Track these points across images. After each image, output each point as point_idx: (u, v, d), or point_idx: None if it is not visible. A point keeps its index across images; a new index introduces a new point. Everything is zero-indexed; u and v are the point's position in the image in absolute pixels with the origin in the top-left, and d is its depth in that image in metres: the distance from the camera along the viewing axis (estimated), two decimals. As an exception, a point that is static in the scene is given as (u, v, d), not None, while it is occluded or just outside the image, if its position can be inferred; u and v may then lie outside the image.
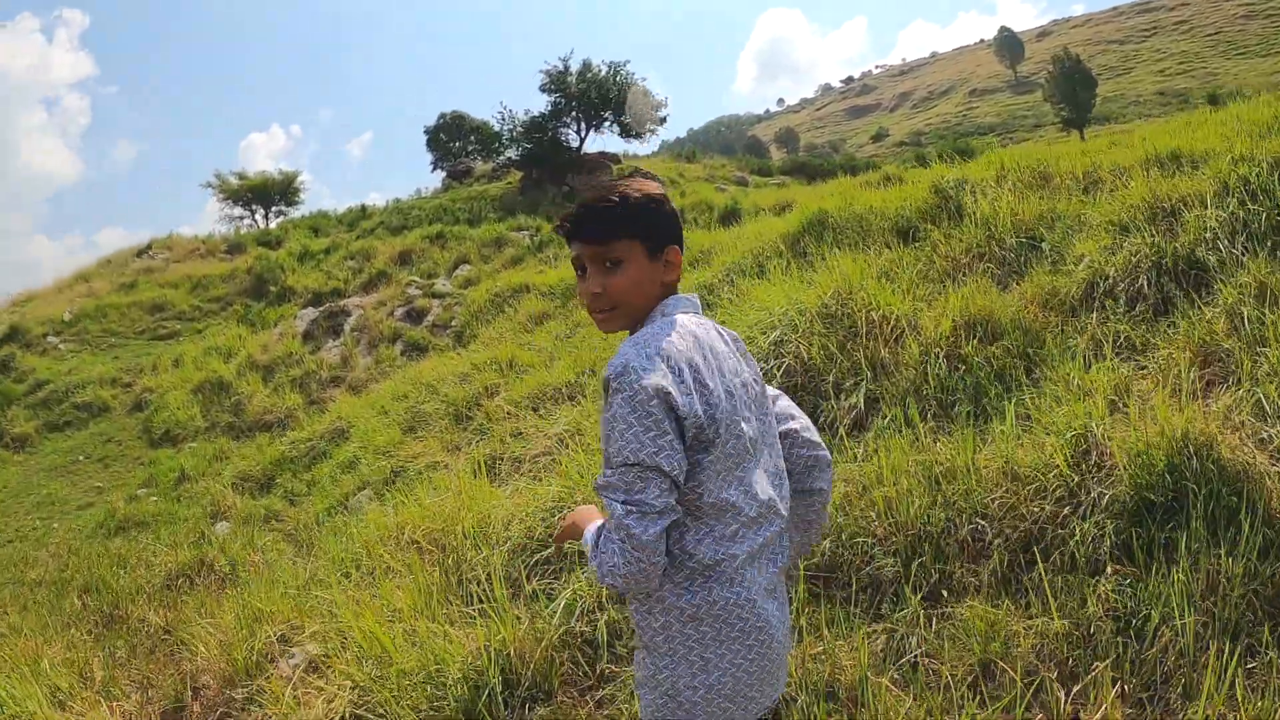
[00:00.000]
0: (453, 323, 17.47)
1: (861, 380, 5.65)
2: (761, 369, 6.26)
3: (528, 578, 4.54)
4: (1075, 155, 9.57)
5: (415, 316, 18.48)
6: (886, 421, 5.06)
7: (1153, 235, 5.97)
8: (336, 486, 9.91)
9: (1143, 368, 4.84)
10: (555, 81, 38.77)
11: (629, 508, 1.85)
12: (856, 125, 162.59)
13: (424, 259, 24.35)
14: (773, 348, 6.26)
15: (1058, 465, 3.82)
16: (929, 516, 3.82)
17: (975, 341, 5.55)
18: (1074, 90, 72.00)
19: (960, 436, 4.38)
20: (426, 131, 50.73)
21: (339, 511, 9.03)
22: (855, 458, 4.83)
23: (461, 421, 9.88)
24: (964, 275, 6.95)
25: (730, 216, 20.07)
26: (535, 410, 8.73)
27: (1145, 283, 5.61)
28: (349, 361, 17.14)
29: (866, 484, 4.28)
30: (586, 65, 39.29)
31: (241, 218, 48.22)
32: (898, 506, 3.96)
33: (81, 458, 16.86)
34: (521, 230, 25.85)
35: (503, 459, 7.47)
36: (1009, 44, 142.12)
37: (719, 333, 2.16)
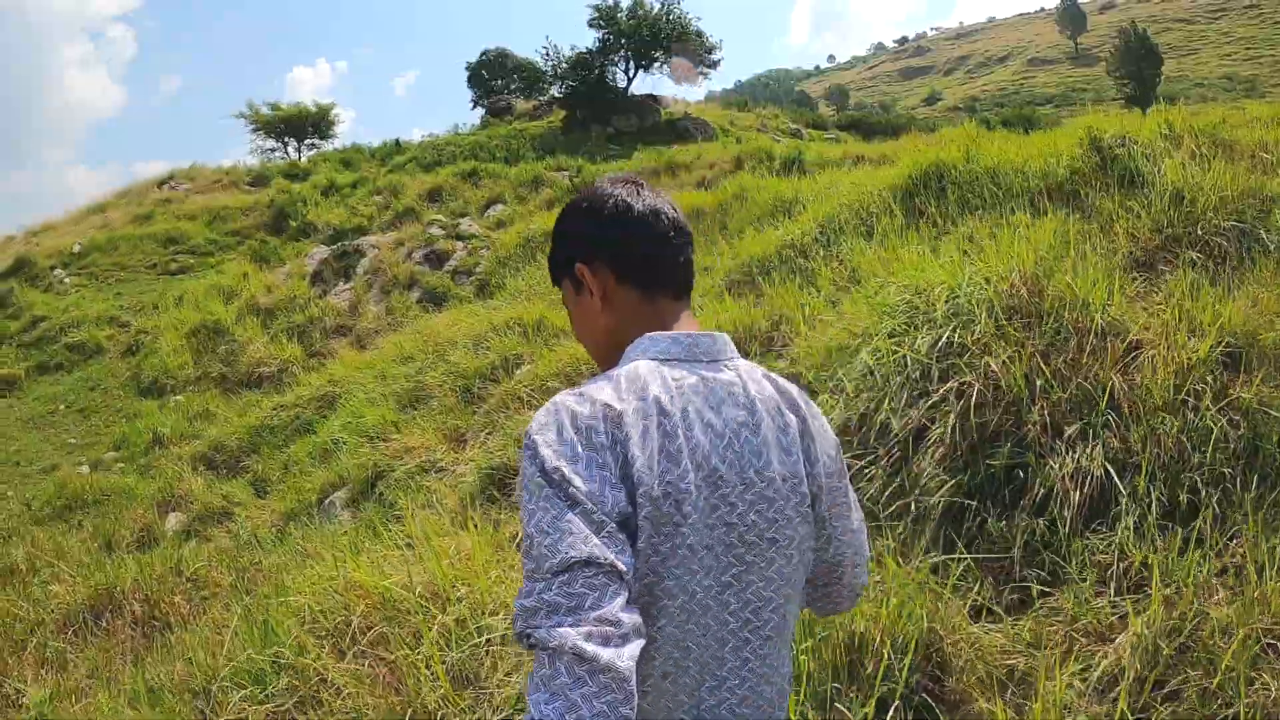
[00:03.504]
0: (477, 269, 15.24)
1: (1093, 431, 3.52)
2: (923, 392, 4.14)
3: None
4: (1263, 123, 7.72)
5: (436, 260, 16.22)
6: (1151, 522, 2.99)
7: None
8: (308, 480, 7.79)
9: None
10: (604, 17, 36.35)
11: (582, 627, 1.19)
12: (908, 87, 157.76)
13: (455, 197, 22.24)
14: (936, 355, 4.13)
15: None
16: None
17: (1257, 381, 3.68)
18: (1139, 66, 68.36)
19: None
20: (468, 68, 48.29)
21: (305, 519, 6.94)
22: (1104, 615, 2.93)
23: (472, 401, 7.75)
24: (1161, 265, 5.27)
25: (793, 167, 17.58)
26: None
27: None
28: (358, 308, 14.99)
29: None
30: (638, 1, 36.59)
31: (274, 150, 46.16)
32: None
33: (63, 407, 15.09)
34: (561, 171, 23.69)
35: (515, 477, 5.32)
36: (1071, 14, 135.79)
37: (741, 390, 1.47)
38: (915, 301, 4.83)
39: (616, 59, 36.96)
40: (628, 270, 1.53)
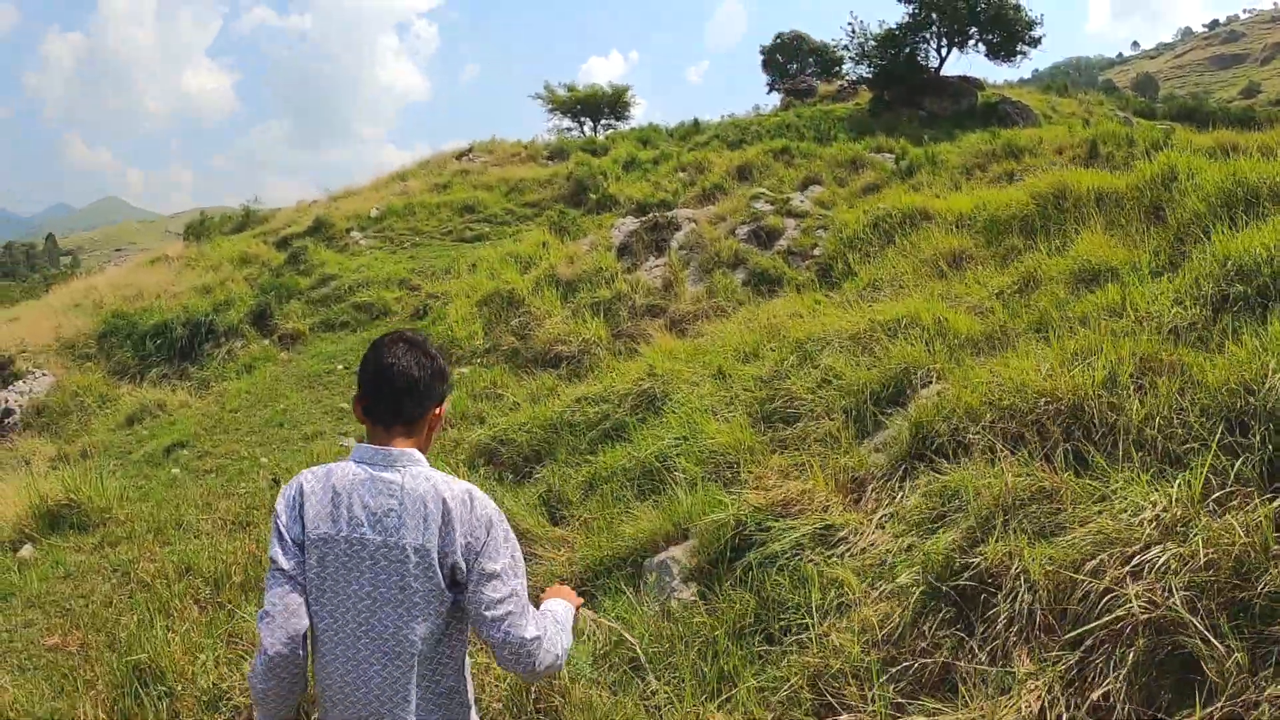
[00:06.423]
0: (815, 251, 12.77)
1: None
2: None
3: None
4: None
5: (764, 239, 13.85)
6: None
7: None
8: (628, 519, 5.50)
9: None
10: (915, -11, 32.58)
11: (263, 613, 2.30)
12: (1222, 78, 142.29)
13: (766, 175, 20.15)
14: None
15: None
16: None
17: None
18: None
19: None
20: (762, 52, 46.85)
21: (621, 583, 4.70)
22: None
23: (864, 428, 5.31)
24: None
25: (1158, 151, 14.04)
26: (1020, 445, 4.04)
27: None
28: (673, 287, 12.82)
29: None
30: (951, -27, 32.61)
31: (569, 129, 45.90)
32: None
33: (340, 367, 14.10)
34: (882, 152, 21.08)
35: (989, 579, 2.85)
36: None
37: (399, 486, 2.32)
38: None
39: (928, 36, 33.28)
40: (364, 406, 2.44)
